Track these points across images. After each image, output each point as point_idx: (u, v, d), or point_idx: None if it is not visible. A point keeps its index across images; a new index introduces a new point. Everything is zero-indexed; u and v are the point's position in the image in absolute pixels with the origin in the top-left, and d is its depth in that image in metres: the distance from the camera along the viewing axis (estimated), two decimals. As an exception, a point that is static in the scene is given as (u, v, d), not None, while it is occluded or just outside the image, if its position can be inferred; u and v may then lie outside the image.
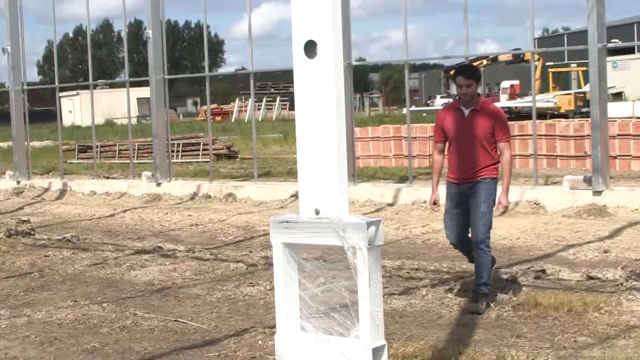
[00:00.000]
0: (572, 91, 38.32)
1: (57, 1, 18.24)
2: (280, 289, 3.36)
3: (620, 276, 7.53)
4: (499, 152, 6.85)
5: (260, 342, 6.13)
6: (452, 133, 6.85)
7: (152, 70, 16.08)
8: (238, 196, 14.83)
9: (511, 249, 9.62)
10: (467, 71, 6.94)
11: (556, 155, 18.30)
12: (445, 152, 7.12)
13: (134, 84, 18.28)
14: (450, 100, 52.73)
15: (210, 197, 15.13)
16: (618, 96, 41.79)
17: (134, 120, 47.06)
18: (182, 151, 25.52)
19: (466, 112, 6.83)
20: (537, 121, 14.59)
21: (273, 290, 3.39)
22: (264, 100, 58.76)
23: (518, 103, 37.97)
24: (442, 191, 7.19)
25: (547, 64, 43.34)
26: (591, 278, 7.70)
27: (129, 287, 8.29)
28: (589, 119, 12.74)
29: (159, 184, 15.97)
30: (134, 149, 24.28)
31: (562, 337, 5.90)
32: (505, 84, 49.54)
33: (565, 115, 30.84)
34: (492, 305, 6.76)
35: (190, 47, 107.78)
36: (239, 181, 16.49)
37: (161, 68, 16.15)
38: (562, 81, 43.26)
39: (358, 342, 3.20)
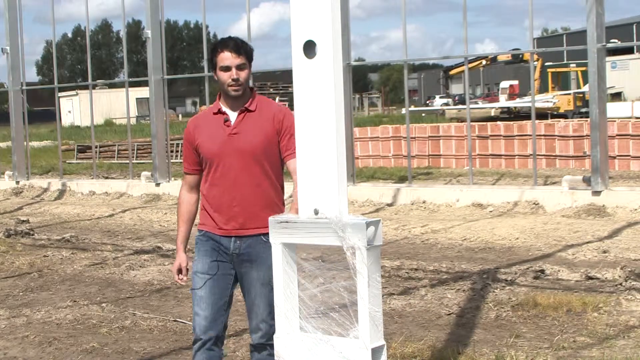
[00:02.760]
0: (571, 91, 38.31)
1: (55, 1, 18.26)
2: (280, 289, 3.36)
3: (619, 276, 7.53)
4: (292, 176, 4.00)
5: (259, 342, 6.12)
6: (212, 152, 4.19)
7: (151, 71, 16.08)
8: (237, 196, 14.83)
9: (510, 249, 9.62)
10: (236, 44, 4.17)
11: (555, 156, 18.31)
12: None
13: (133, 84, 18.25)
14: (449, 101, 52.66)
15: (209, 197, 15.10)
16: (617, 96, 41.82)
17: (133, 121, 47.05)
18: (182, 151, 25.51)
19: (233, 116, 4.20)
20: (537, 121, 14.59)
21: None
22: (263, 100, 58.68)
23: (517, 103, 37.96)
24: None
25: (547, 64, 43.38)
26: (590, 278, 7.70)
27: (128, 287, 8.29)
28: (588, 119, 12.74)
29: (158, 184, 15.97)
30: (133, 149, 24.28)
31: (561, 337, 5.91)
32: (505, 84, 49.61)
33: (564, 116, 30.84)
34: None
35: (189, 47, 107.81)
36: (238, 181, 16.46)
37: (160, 68, 16.15)
38: (561, 81, 43.27)
39: (357, 342, 3.20)
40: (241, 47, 4.15)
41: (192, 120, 4.39)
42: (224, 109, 4.23)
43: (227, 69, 4.13)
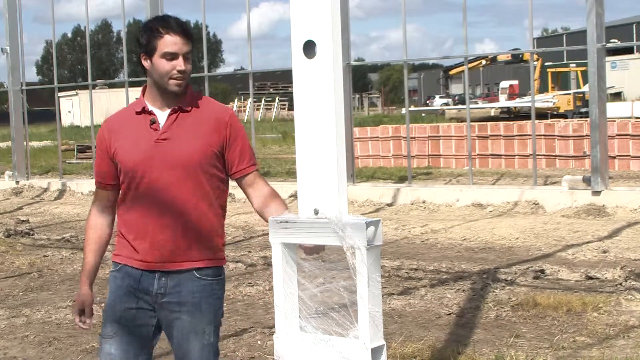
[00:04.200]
0: (571, 91, 38.34)
1: (55, 1, 18.28)
2: (279, 289, 3.36)
3: (619, 276, 7.53)
4: (246, 191, 3.41)
5: (259, 342, 6.12)
6: (133, 162, 3.30)
7: (151, 70, 16.07)
8: (237, 196, 14.82)
9: (510, 249, 9.62)
10: (185, 27, 3.28)
11: (555, 155, 18.32)
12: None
13: (133, 84, 18.22)
14: (449, 101, 52.67)
15: (209, 197, 15.09)
16: (617, 96, 41.85)
17: (133, 120, 46.94)
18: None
19: (162, 116, 3.33)
20: (536, 121, 14.59)
21: (272, 290, 3.39)
22: (263, 100, 58.81)
23: (517, 103, 38.00)
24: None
25: (546, 64, 43.41)
26: (590, 278, 7.70)
27: (128, 287, 8.28)
28: (588, 119, 12.74)
29: (158, 184, 15.95)
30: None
31: (561, 337, 5.91)
32: (504, 84, 49.65)
33: (564, 115, 30.86)
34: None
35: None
36: (238, 181, 16.46)
37: (160, 68, 16.14)
38: (561, 81, 43.29)
39: (357, 342, 3.20)
40: (189, 32, 3.27)
41: (106, 122, 3.48)
42: (151, 107, 3.33)
43: (173, 56, 3.24)
